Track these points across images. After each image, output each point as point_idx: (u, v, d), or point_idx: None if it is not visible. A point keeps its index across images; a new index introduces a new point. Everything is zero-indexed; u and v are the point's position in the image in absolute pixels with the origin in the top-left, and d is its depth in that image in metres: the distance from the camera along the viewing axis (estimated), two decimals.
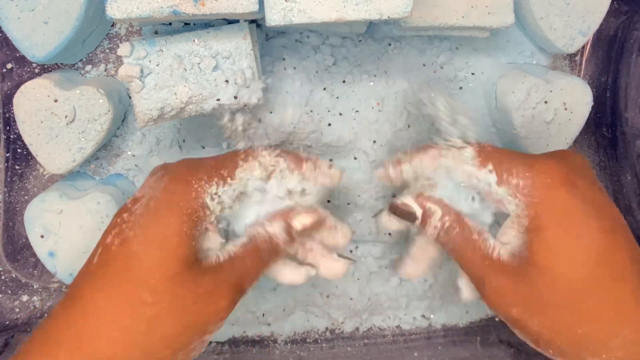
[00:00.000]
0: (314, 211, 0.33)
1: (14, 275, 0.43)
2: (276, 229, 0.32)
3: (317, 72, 0.41)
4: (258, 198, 0.33)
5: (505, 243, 0.32)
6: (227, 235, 0.34)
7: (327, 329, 0.47)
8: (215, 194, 0.31)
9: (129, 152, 0.42)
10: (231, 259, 0.31)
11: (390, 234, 0.45)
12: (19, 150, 0.42)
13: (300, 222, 0.32)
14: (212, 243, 0.32)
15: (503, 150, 0.32)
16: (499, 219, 0.34)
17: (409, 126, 0.43)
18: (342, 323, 0.47)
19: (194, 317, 0.29)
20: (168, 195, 0.30)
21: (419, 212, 0.33)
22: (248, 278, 0.31)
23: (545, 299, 0.29)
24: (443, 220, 0.32)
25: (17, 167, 0.42)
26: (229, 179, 0.32)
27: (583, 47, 0.46)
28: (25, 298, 0.44)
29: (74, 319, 0.28)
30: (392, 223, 0.35)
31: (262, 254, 0.32)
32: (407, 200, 0.34)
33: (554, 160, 0.31)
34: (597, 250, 0.29)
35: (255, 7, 0.32)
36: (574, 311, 0.29)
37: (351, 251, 0.46)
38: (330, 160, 0.42)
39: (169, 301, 0.28)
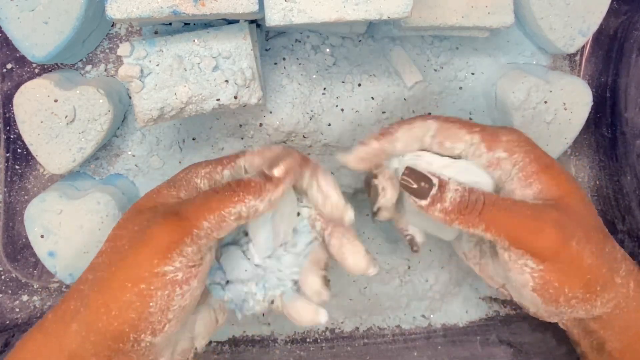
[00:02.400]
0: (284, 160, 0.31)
1: (14, 275, 0.43)
2: (239, 174, 0.32)
3: (317, 72, 0.41)
4: None
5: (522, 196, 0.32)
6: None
7: (327, 328, 0.47)
8: (208, 173, 0.32)
9: (129, 152, 0.42)
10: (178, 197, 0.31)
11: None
12: (19, 150, 0.42)
13: (279, 170, 0.30)
14: None
15: (474, 124, 0.33)
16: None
17: None
18: (342, 323, 0.47)
19: (124, 258, 0.27)
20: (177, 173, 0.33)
21: (436, 182, 0.31)
22: (190, 208, 0.28)
23: (586, 223, 0.30)
24: (457, 188, 0.30)
25: (17, 167, 0.42)
26: (224, 167, 0.32)
27: (583, 47, 0.46)
28: (25, 298, 0.44)
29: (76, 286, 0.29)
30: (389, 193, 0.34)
31: (218, 187, 0.29)
32: (419, 167, 0.32)
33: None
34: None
35: (255, 7, 0.32)
36: (599, 230, 0.31)
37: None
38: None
39: (111, 245, 0.29)
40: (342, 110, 0.42)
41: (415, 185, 0.31)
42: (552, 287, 0.30)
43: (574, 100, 0.41)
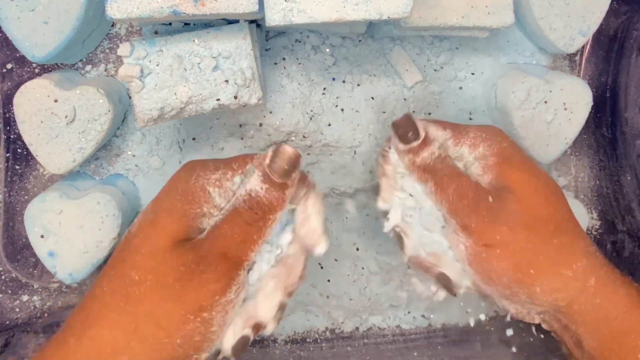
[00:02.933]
0: (284, 146, 0.31)
1: (14, 275, 0.43)
2: (252, 183, 0.30)
3: (317, 72, 0.41)
4: None
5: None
6: None
7: (327, 328, 0.47)
8: (218, 180, 0.31)
9: (129, 152, 0.42)
10: (212, 231, 0.30)
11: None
12: (19, 150, 0.42)
13: (280, 163, 0.30)
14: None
15: (450, 123, 0.36)
16: None
17: None
18: (342, 323, 0.47)
19: (180, 296, 0.28)
20: (170, 181, 0.31)
21: (422, 133, 0.34)
22: (234, 244, 0.29)
23: (529, 213, 0.32)
24: (441, 149, 0.34)
25: (17, 167, 0.42)
26: (234, 173, 0.31)
27: (583, 47, 0.46)
28: (25, 298, 0.44)
29: (84, 305, 0.29)
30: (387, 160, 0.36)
31: (245, 214, 0.30)
32: (417, 121, 0.34)
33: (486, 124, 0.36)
34: (547, 174, 0.34)
35: (255, 7, 0.32)
36: (550, 222, 0.32)
37: (357, 248, 0.46)
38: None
39: (152, 279, 0.28)
40: (342, 110, 0.42)
41: (402, 131, 0.34)
42: (482, 260, 0.32)
43: (574, 100, 0.41)
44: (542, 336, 0.43)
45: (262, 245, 0.31)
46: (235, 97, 0.35)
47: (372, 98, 0.42)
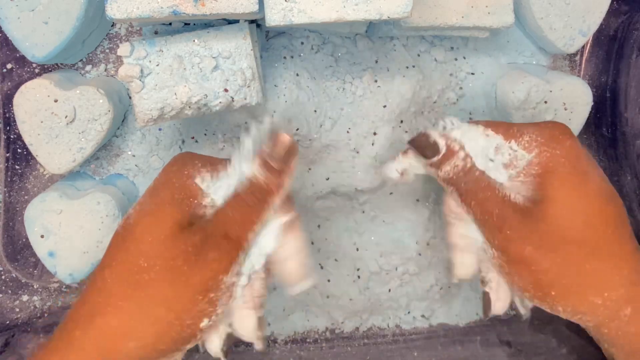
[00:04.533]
0: (284, 135, 0.32)
1: (14, 275, 0.43)
2: (252, 168, 0.32)
3: (317, 72, 0.41)
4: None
5: (517, 193, 0.32)
6: None
7: (327, 329, 0.47)
8: (205, 179, 0.32)
9: (129, 152, 0.42)
10: (216, 213, 0.31)
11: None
12: (19, 150, 0.42)
13: (277, 153, 0.32)
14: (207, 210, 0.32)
15: (505, 121, 0.35)
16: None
17: (408, 126, 0.43)
18: (342, 323, 0.47)
19: (187, 276, 0.29)
20: (164, 175, 0.32)
21: (443, 149, 0.33)
22: (235, 225, 0.31)
23: (559, 234, 0.30)
24: (465, 160, 0.33)
25: (17, 167, 0.42)
26: (221, 172, 0.33)
27: (583, 47, 0.46)
28: (25, 298, 0.44)
29: (87, 297, 0.30)
30: (399, 165, 0.36)
31: (246, 199, 0.31)
32: (435, 136, 0.34)
33: (555, 121, 0.34)
34: (605, 190, 0.31)
35: (255, 7, 0.32)
36: (585, 245, 0.30)
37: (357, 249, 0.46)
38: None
39: (162, 264, 0.29)
40: (342, 110, 0.42)
41: (420, 149, 0.34)
42: (506, 273, 0.32)
43: (574, 100, 0.41)
44: (542, 336, 0.43)
45: (260, 228, 0.32)
46: (235, 97, 0.35)
47: (372, 98, 0.42)
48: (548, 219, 0.30)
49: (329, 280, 0.46)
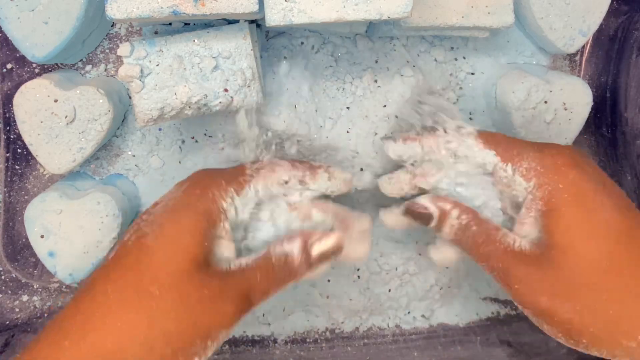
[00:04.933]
0: (335, 236, 0.33)
1: (14, 275, 0.43)
2: (294, 248, 0.32)
3: (317, 72, 0.41)
4: (271, 214, 0.34)
5: (523, 236, 0.31)
6: (240, 253, 0.34)
7: (327, 329, 0.47)
8: (232, 198, 0.32)
9: (129, 152, 0.42)
10: (242, 269, 0.31)
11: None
12: (19, 150, 0.42)
13: (319, 248, 0.32)
14: (226, 251, 0.32)
15: (509, 137, 0.33)
16: (509, 217, 0.34)
17: (402, 125, 0.43)
18: (342, 323, 0.47)
19: (197, 317, 0.28)
20: (186, 197, 0.31)
21: (435, 213, 0.33)
22: (257, 291, 0.31)
23: (572, 281, 0.29)
24: (460, 218, 0.32)
25: (17, 167, 0.42)
26: (246, 187, 0.32)
27: (583, 47, 0.46)
28: (25, 298, 0.44)
29: (82, 308, 0.28)
30: (400, 223, 0.36)
31: (275, 271, 0.31)
32: (424, 202, 0.34)
33: (561, 146, 0.32)
34: (615, 226, 0.29)
35: (255, 7, 0.32)
36: (603, 291, 0.28)
37: None
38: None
39: (174, 297, 0.28)
40: (342, 109, 0.42)
41: (415, 217, 0.34)
42: (534, 321, 0.31)
43: (574, 100, 0.41)
44: (542, 336, 0.43)
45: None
46: (235, 97, 0.35)
47: (372, 98, 0.42)
48: (557, 266, 0.29)
49: (329, 280, 0.46)
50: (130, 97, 0.41)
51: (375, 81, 0.42)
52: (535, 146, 0.32)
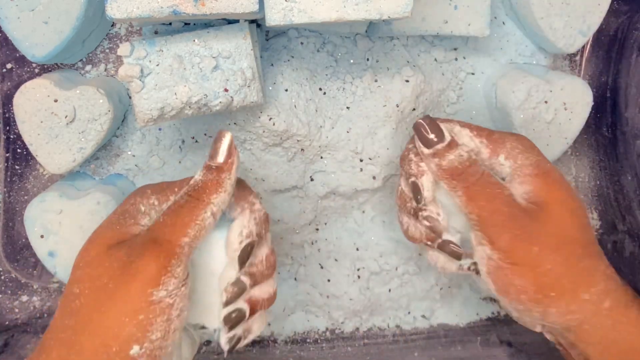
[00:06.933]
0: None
1: (14, 275, 0.43)
2: (196, 174, 0.31)
3: (317, 72, 0.41)
4: None
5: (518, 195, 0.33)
6: None
7: (327, 329, 0.47)
8: (154, 204, 0.32)
9: (129, 152, 0.42)
10: (148, 226, 0.30)
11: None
12: (19, 150, 0.42)
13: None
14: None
15: (483, 129, 0.35)
16: None
17: (408, 125, 0.43)
18: (342, 323, 0.47)
19: (112, 294, 0.27)
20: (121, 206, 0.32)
21: (447, 135, 0.33)
22: (164, 231, 0.28)
23: (562, 235, 0.31)
24: (470, 153, 0.32)
25: (17, 167, 0.42)
26: (169, 197, 0.32)
27: (583, 47, 0.46)
28: (25, 298, 0.44)
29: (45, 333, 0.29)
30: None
31: (180, 202, 0.29)
32: (439, 121, 0.33)
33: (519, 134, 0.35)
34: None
35: (255, 7, 0.32)
36: (580, 244, 0.31)
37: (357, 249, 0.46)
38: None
39: (89, 286, 0.27)
40: (342, 109, 0.42)
41: (426, 134, 0.33)
42: (504, 275, 0.31)
43: (574, 100, 0.41)
44: (542, 336, 0.43)
45: (204, 229, 0.29)
46: (235, 97, 0.35)
47: (372, 98, 0.42)
48: (552, 220, 0.31)
49: (329, 280, 0.46)
50: (130, 97, 0.41)
51: (376, 81, 0.42)
52: (505, 132, 0.35)
